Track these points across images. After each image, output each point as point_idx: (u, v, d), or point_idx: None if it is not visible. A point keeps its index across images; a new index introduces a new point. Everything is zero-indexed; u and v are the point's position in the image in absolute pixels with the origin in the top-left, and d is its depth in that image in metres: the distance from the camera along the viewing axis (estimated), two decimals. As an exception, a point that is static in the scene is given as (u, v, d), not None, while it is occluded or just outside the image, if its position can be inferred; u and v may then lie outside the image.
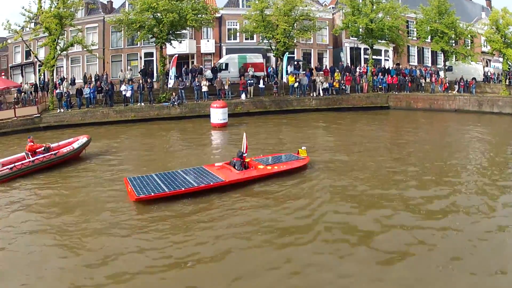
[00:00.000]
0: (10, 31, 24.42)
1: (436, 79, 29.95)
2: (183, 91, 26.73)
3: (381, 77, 30.56)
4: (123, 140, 20.82)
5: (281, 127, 23.71)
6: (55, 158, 14.95)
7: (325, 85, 29.37)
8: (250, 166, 13.48)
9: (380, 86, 30.62)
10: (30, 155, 14.85)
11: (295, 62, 32.24)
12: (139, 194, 10.95)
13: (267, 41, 28.80)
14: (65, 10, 24.48)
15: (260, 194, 11.89)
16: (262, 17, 27.54)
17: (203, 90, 26.86)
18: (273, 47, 28.98)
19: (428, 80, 30.76)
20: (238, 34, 33.51)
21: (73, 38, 26.07)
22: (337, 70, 31.54)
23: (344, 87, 29.89)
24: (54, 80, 27.70)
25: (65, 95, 25.63)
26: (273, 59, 32.60)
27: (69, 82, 28.03)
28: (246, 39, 34.49)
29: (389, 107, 29.89)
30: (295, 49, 36.69)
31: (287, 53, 28.69)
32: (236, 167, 13.10)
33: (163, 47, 27.89)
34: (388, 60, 37.22)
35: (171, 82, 27.31)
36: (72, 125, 24.95)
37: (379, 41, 29.71)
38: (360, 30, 30.29)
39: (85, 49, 26.81)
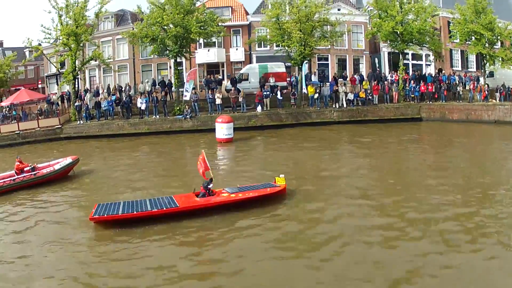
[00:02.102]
0: (30, 48, 25.54)
1: (476, 86, 26.64)
2: (195, 103, 26.27)
3: (413, 85, 27.85)
4: (122, 158, 20.51)
5: (290, 145, 21.76)
6: (35, 178, 15.65)
7: (350, 96, 27.37)
8: (216, 195, 12.72)
9: (412, 95, 27.96)
10: (16, 174, 15.67)
11: (319, 71, 30.39)
12: (94, 214, 11.51)
13: (284, 50, 27.43)
14: (80, 27, 25.04)
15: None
16: (278, 25, 26.28)
17: (216, 102, 26.21)
18: (291, 56, 27.55)
19: (467, 87, 27.54)
20: (268, 42, 32.15)
21: (93, 53, 26.78)
22: (366, 79, 29.27)
23: (371, 97, 27.67)
24: (79, 92, 28.66)
25: (84, 107, 26.36)
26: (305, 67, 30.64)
27: (93, 93, 28.71)
28: (277, 46, 32.97)
29: (421, 118, 27.08)
30: (329, 56, 34.83)
31: (305, 62, 27.14)
32: (198, 197, 12.49)
33: (181, 59, 27.73)
34: (429, 65, 34.06)
35: (186, 95, 26.95)
36: (89, 136, 25.81)
37: (409, 45, 27.07)
38: (397, 34, 27.74)
39: (101, 62, 27.43)
